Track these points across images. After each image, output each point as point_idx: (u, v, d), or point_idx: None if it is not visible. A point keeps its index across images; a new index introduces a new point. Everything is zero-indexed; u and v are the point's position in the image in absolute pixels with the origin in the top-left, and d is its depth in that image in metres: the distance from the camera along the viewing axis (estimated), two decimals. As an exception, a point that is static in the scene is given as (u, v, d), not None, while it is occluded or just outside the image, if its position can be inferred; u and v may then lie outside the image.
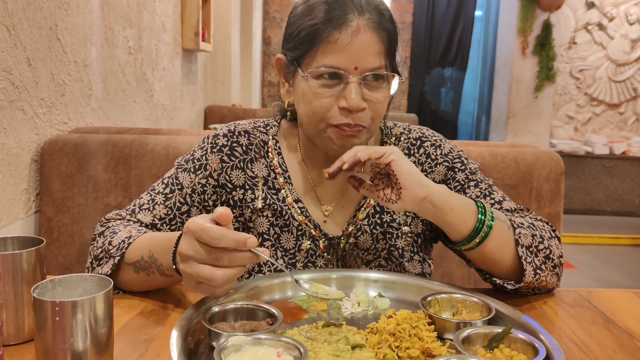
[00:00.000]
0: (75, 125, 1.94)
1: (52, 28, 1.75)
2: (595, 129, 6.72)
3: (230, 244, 0.78)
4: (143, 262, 0.96)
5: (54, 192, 1.69)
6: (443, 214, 0.96)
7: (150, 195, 1.14)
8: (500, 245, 0.99)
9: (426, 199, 0.94)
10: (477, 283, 1.73)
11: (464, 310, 0.91)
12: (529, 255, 1.00)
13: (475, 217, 0.98)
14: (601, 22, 6.47)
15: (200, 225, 0.79)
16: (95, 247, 1.05)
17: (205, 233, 0.78)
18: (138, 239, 1.00)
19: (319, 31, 0.97)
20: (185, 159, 1.16)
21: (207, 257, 0.80)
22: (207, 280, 0.80)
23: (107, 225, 1.10)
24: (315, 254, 1.13)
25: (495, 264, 1.01)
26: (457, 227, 0.97)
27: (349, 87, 0.98)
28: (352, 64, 0.97)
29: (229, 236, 0.78)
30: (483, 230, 0.97)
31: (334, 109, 1.00)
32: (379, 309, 0.96)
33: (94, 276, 0.72)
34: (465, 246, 0.99)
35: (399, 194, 0.94)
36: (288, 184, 1.14)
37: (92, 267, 1.03)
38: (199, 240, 0.80)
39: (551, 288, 1.07)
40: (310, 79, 1.00)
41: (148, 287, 1.00)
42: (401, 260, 1.15)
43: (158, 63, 2.89)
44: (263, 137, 1.17)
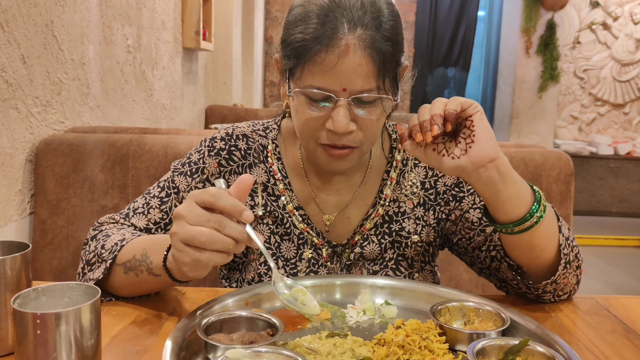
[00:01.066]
0: (72, 125, 1.89)
1: (48, 25, 1.71)
2: (600, 129, 6.66)
3: (227, 204, 0.75)
4: (134, 261, 0.91)
5: (48, 193, 1.64)
6: (505, 185, 0.87)
7: (145, 199, 1.09)
8: (550, 231, 0.92)
9: (495, 161, 0.86)
10: (484, 287, 1.67)
11: (476, 319, 0.86)
12: (567, 246, 0.95)
13: (532, 194, 0.90)
14: (605, 22, 6.41)
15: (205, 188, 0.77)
16: (88, 251, 1.00)
17: (206, 192, 0.76)
18: (133, 240, 0.95)
19: (306, 49, 0.90)
20: (182, 162, 1.12)
21: (199, 219, 0.75)
22: (194, 237, 0.74)
23: (99, 229, 1.05)
24: (318, 263, 1.08)
25: (541, 252, 0.93)
26: (515, 203, 0.88)
27: (336, 109, 0.91)
28: (339, 86, 0.90)
29: (228, 197, 0.75)
30: (539, 210, 0.89)
31: (321, 129, 0.95)
32: (386, 318, 0.90)
33: (80, 285, 0.67)
34: (520, 226, 0.89)
35: (467, 149, 0.86)
36: (288, 191, 1.09)
37: (83, 273, 0.98)
38: (197, 203, 0.76)
39: (569, 292, 1.01)
40: (299, 94, 0.94)
41: (137, 290, 0.94)
42: (411, 270, 1.09)
43: (158, 62, 2.84)
44: (262, 141, 1.12)
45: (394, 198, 1.10)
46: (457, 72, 7.46)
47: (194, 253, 0.76)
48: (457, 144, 0.87)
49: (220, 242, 0.75)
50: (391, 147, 1.13)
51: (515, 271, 0.99)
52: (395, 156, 1.12)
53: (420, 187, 1.11)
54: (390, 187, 1.10)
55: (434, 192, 1.11)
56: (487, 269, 1.07)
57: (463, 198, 1.09)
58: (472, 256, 1.09)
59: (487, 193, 0.89)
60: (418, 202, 1.10)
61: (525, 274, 0.98)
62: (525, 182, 0.90)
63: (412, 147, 0.90)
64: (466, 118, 0.87)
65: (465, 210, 1.08)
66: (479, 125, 0.86)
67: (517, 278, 0.98)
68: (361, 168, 1.11)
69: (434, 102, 0.87)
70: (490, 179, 0.87)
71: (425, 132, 0.85)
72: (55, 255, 1.65)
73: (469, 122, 0.86)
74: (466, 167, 0.86)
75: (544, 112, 6.24)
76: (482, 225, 1.06)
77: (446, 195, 1.10)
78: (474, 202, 1.08)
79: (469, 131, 0.86)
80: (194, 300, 0.95)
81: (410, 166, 1.12)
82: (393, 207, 1.10)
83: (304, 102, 0.94)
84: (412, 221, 1.09)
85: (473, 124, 0.86)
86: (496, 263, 1.05)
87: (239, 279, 1.12)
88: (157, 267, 0.88)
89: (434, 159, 0.89)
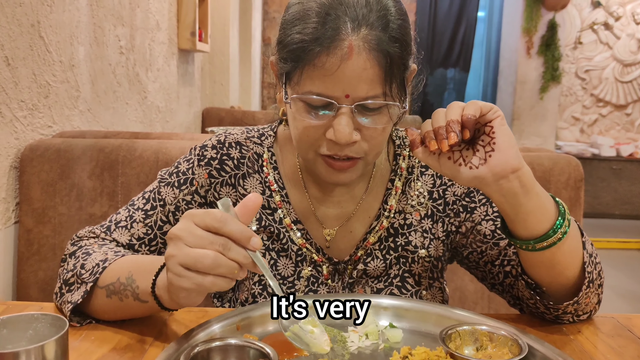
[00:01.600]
0: (60, 129, 1.81)
1: (34, 25, 1.63)
2: (602, 130, 6.58)
3: (234, 230, 0.68)
4: (118, 285, 0.83)
5: (34, 201, 1.57)
6: (527, 198, 0.79)
7: (128, 211, 1.01)
8: (574, 247, 0.84)
9: (518, 172, 0.78)
10: (490, 299, 1.60)
11: (489, 344, 0.78)
12: (590, 264, 0.87)
13: (556, 208, 0.82)
14: (607, 22, 6.34)
15: (204, 210, 0.70)
16: (66, 269, 0.92)
17: (209, 215, 0.69)
18: (118, 261, 0.87)
19: (305, 51, 0.81)
20: (169, 171, 1.03)
21: (201, 241, 0.68)
22: (197, 260, 0.68)
23: (79, 244, 0.96)
24: (318, 282, 1.00)
25: (563, 270, 0.85)
26: (539, 217, 0.80)
27: (338, 118, 0.83)
28: (342, 92, 0.81)
29: (235, 222, 0.69)
30: (564, 225, 0.81)
31: (321, 138, 0.86)
32: (391, 342, 0.83)
33: (46, 315, 0.60)
34: (542, 243, 0.81)
35: (486, 158, 0.78)
36: (285, 203, 1.01)
37: (61, 294, 0.90)
38: (197, 225, 0.69)
39: (589, 311, 0.93)
40: (297, 100, 0.85)
41: (120, 315, 0.86)
42: (417, 288, 1.01)
43: (152, 63, 2.76)
44: (257, 150, 1.03)
45: (399, 209, 1.02)
46: (457, 73, 7.39)
47: (196, 277, 0.69)
48: (475, 152, 0.79)
49: (226, 266, 0.68)
50: (395, 153, 1.05)
51: (533, 290, 0.91)
52: (400, 163, 1.03)
53: (427, 197, 1.02)
54: (395, 198, 1.02)
55: (442, 203, 1.02)
56: (499, 285, 1.00)
57: (475, 209, 1.01)
58: (483, 271, 1.02)
59: (507, 206, 0.81)
60: (425, 214, 1.02)
61: (545, 293, 0.90)
62: (548, 195, 0.83)
63: (424, 155, 0.82)
64: (485, 124, 0.79)
65: (477, 222, 1.00)
66: (499, 131, 0.78)
67: (536, 297, 0.90)
68: (364, 177, 1.03)
69: (449, 106, 0.79)
70: (512, 191, 0.79)
71: (441, 140, 0.77)
72: (41, 266, 1.57)
73: (488, 129, 0.78)
74: (486, 177, 0.78)
75: (546, 113, 6.17)
76: (496, 239, 0.98)
77: (456, 206, 1.02)
78: (487, 214, 1.00)
79: (488, 138, 0.78)
80: (182, 321, 0.88)
81: (417, 174, 1.03)
82: (398, 219, 1.01)
83: (302, 109, 0.86)
84: (419, 234, 1.01)
85: (493, 130, 0.78)
86: (511, 279, 0.97)
87: (232, 298, 1.04)
88: (144, 292, 0.80)
89: (449, 168, 0.81)
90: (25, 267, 1.58)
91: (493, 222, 0.99)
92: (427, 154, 0.82)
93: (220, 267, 0.68)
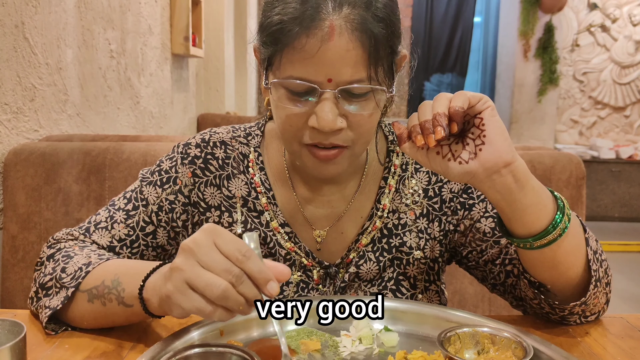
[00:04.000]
0: (47, 133, 1.76)
1: (18, 26, 1.59)
2: (601, 133, 6.55)
3: (254, 269, 0.63)
4: (102, 288, 0.77)
5: (18, 206, 1.52)
6: (523, 193, 0.74)
7: (109, 211, 0.95)
8: (576, 244, 0.79)
9: (511, 166, 0.73)
10: (491, 302, 1.55)
11: (491, 347, 0.73)
12: (595, 261, 0.82)
13: (554, 202, 0.77)
14: (604, 24, 6.32)
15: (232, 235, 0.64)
16: (43, 273, 0.86)
17: (235, 244, 0.63)
18: (102, 265, 0.82)
19: (284, 32, 0.77)
20: (151, 170, 0.98)
21: (217, 265, 0.63)
22: (207, 285, 0.62)
23: (56, 247, 0.90)
24: (308, 287, 0.94)
25: (566, 270, 0.80)
26: (536, 214, 0.75)
27: (321, 103, 0.78)
28: (324, 76, 0.77)
29: (257, 260, 0.63)
30: (563, 221, 0.76)
31: (305, 127, 0.81)
32: (386, 347, 0.78)
33: (4, 321, 0.55)
34: (541, 240, 0.76)
35: (476, 152, 0.73)
36: (272, 205, 0.95)
37: (37, 298, 0.84)
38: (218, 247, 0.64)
39: (598, 312, 0.88)
40: (278, 87, 0.81)
41: (102, 322, 0.81)
42: (413, 291, 0.96)
43: (144, 68, 2.72)
44: (243, 150, 0.98)
45: (393, 208, 0.96)
46: (454, 78, 7.37)
47: (199, 302, 0.63)
48: (465, 146, 0.74)
49: (234, 300, 0.63)
50: (388, 150, 1.00)
51: (537, 289, 0.85)
52: (393, 160, 0.98)
53: (422, 195, 0.97)
54: (389, 196, 0.96)
55: (438, 201, 0.97)
56: (501, 285, 0.94)
57: (473, 205, 0.96)
58: (484, 270, 0.96)
59: (502, 202, 0.76)
60: (421, 213, 0.97)
61: (550, 292, 0.85)
62: (545, 189, 0.77)
63: (412, 150, 0.77)
64: (475, 115, 0.73)
65: (476, 220, 0.95)
66: (490, 123, 0.72)
67: (540, 297, 0.84)
68: (355, 175, 0.97)
69: (436, 97, 0.74)
70: (506, 186, 0.74)
71: (428, 135, 0.72)
72: (26, 274, 1.52)
73: (478, 120, 0.73)
74: (477, 173, 0.73)
75: (544, 116, 6.14)
76: (496, 236, 0.93)
77: (453, 204, 0.97)
78: (486, 210, 0.95)
79: (478, 131, 0.73)
80: (164, 327, 0.83)
81: (411, 171, 0.98)
82: (392, 218, 0.96)
83: (284, 96, 0.81)
84: (414, 235, 0.96)
85: (483, 122, 0.72)
86: (512, 279, 0.92)
87: None
88: (130, 296, 0.74)
89: (438, 164, 0.76)
90: (11, 275, 1.52)
91: (493, 219, 0.94)
92: (415, 149, 0.76)
93: (228, 300, 0.63)
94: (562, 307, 0.83)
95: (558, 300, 0.84)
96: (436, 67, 7.30)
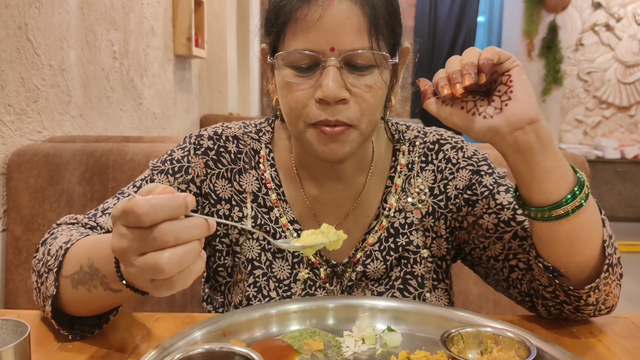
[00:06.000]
0: (51, 135, 1.77)
1: (22, 27, 1.59)
2: (605, 132, 6.52)
3: (167, 213, 0.58)
4: (82, 274, 0.73)
5: (22, 208, 1.52)
6: (545, 155, 0.73)
7: (117, 199, 0.94)
8: (594, 220, 0.78)
9: (535, 124, 0.72)
10: (495, 303, 1.54)
11: (494, 347, 0.73)
12: (610, 245, 0.81)
13: (573, 172, 0.76)
14: (608, 23, 6.30)
15: (123, 205, 0.58)
16: (37, 259, 0.84)
17: (131, 213, 0.58)
18: (77, 243, 0.78)
19: (285, 6, 0.79)
20: (162, 159, 0.97)
21: (145, 243, 0.58)
22: (154, 272, 0.58)
23: (53, 231, 0.88)
24: (315, 285, 0.94)
25: (582, 247, 0.78)
26: (556, 179, 0.74)
27: (325, 72, 0.79)
28: (326, 44, 0.78)
29: (162, 204, 0.58)
30: (583, 192, 0.74)
31: (310, 104, 0.81)
32: (389, 347, 0.77)
33: (8, 321, 0.55)
34: (559, 210, 0.74)
35: (502, 107, 0.73)
36: (282, 202, 0.95)
37: (38, 289, 0.81)
38: (128, 226, 0.59)
39: (611, 306, 0.86)
40: (283, 67, 0.82)
41: (95, 308, 0.77)
42: (421, 290, 0.95)
43: (147, 69, 2.72)
44: (254, 145, 0.98)
45: (399, 208, 0.96)
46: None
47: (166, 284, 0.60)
48: (490, 102, 0.74)
49: (184, 254, 0.59)
50: (394, 149, 1.00)
51: (551, 273, 0.83)
52: (399, 159, 0.98)
53: (428, 193, 0.97)
54: (395, 196, 0.96)
55: (444, 198, 0.97)
56: (504, 281, 0.94)
57: (476, 202, 0.95)
58: (487, 267, 0.96)
59: (523, 164, 0.75)
60: (427, 211, 0.96)
61: (563, 277, 0.83)
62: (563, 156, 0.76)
63: (436, 106, 0.77)
64: (502, 73, 0.74)
65: (479, 216, 0.94)
66: (518, 80, 0.73)
67: (555, 282, 0.82)
68: (362, 172, 0.97)
69: (465, 51, 0.75)
70: (528, 145, 0.73)
71: (455, 84, 0.72)
72: (30, 275, 1.52)
73: (505, 78, 0.73)
74: (501, 128, 0.73)
75: (548, 116, 6.11)
76: (499, 232, 0.93)
77: (458, 200, 0.96)
78: (489, 206, 0.94)
79: (505, 87, 0.73)
80: (166, 328, 0.83)
81: (417, 170, 0.98)
82: (399, 218, 0.96)
83: (289, 75, 0.82)
84: (421, 233, 0.96)
85: (511, 79, 0.73)
86: (518, 273, 0.91)
87: (225, 302, 0.99)
88: (113, 280, 0.70)
89: (462, 119, 0.76)
90: (14, 276, 1.52)
91: (496, 215, 0.93)
92: (439, 105, 0.77)
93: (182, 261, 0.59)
94: (577, 294, 0.81)
95: (572, 285, 0.82)
96: (439, 66, 7.26)
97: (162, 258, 0.57)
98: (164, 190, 0.60)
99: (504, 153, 0.76)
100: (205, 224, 0.60)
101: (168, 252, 0.58)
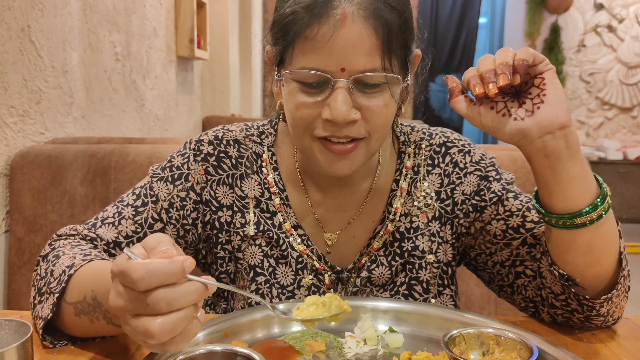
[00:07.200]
0: (53, 136, 1.77)
1: (25, 29, 1.60)
2: (608, 133, 6.51)
3: (161, 280, 0.56)
4: (85, 305, 0.72)
5: (25, 209, 1.52)
6: (572, 162, 0.72)
7: (117, 207, 0.93)
8: (613, 231, 0.77)
9: (565, 130, 0.71)
10: (497, 304, 1.54)
11: (496, 349, 0.73)
12: (625, 257, 0.80)
13: (595, 181, 0.76)
14: (610, 24, 6.29)
15: (120, 266, 0.57)
16: (39, 275, 0.82)
17: (127, 276, 0.56)
18: (81, 270, 0.76)
19: (295, 22, 0.76)
20: (162, 166, 0.96)
21: (139, 306, 0.57)
22: (145, 336, 0.57)
23: (54, 245, 0.87)
24: (319, 291, 0.93)
25: (600, 257, 0.77)
26: (580, 188, 0.73)
27: (334, 94, 0.77)
28: (337, 65, 0.75)
29: (157, 270, 0.56)
30: (606, 202, 0.74)
31: (317, 121, 0.80)
32: (391, 348, 0.77)
33: (11, 321, 0.55)
34: (582, 219, 0.74)
35: (534, 110, 0.72)
36: (285, 207, 0.94)
37: (34, 305, 0.80)
38: (125, 286, 0.58)
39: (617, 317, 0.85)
40: (290, 81, 0.79)
41: (94, 334, 0.77)
42: (426, 296, 0.94)
43: (150, 70, 2.73)
44: (257, 149, 0.96)
45: (405, 212, 0.94)
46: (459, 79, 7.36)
47: (159, 347, 0.59)
48: (521, 104, 0.74)
49: (175, 322, 0.57)
50: (399, 151, 0.97)
51: (566, 281, 0.81)
52: (405, 162, 0.96)
53: (435, 197, 0.95)
54: (401, 200, 0.94)
55: (450, 203, 0.95)
56: (509, 287, 0.93)
57: (485, 208, 0.93)
58: (491, 272, 0.95)
59: (549, 170, 0.74)
60: (433, 216, 0.95)
61: (578, 286, 0.81)
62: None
63: (464, 105, 0.76)
64: (535, 75, 0.73)
65: (486, 222, 0.93)
66: (551, 84, 0.72)
67: (570, 290, 0.81)
68: (367, 177, 0.96)
69: (499, 51, 0.73)
70: (557, 150, 0.72)
71: (488, 84, 0.70)
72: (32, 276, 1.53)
73: (538, 80, 0.73)
74: (531, 131, 0.72)
75: (550, 117, 6.10)
76: (507, 239, 0.91)
77: (465, 206, 0.95)
78: (497, 213, 0.92)
79: (538, 90, 0.72)
80: (169, 329, 0.82)
81: (423, 174, 0.96)
82: (404, 222, 0.94)
83: (295, 89, 0.80)
84: (427, 238, 0.94)
85: (544, 82, 0.72)
86: (524, 279, 0.90)
87: (227, 309, 0.98)
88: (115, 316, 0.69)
89: (491, 120, 0.74)
90: (17, 277, 1.53)
91: (505, 222, 0.92)
92: (467, 104, 0.76)
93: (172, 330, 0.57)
94: (592, 304, 0.80)
95: (588, 295, 0.81)
96: (441, 68, 7.28)
97: (153, 325, 0.56)
98: (164, 254, 0.58)
99: (530, 157, 0.75)
100: (202, 289, 0.59)
101: (160, 319, 0.57)
